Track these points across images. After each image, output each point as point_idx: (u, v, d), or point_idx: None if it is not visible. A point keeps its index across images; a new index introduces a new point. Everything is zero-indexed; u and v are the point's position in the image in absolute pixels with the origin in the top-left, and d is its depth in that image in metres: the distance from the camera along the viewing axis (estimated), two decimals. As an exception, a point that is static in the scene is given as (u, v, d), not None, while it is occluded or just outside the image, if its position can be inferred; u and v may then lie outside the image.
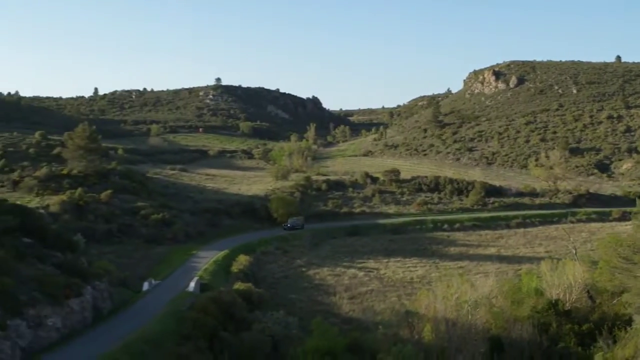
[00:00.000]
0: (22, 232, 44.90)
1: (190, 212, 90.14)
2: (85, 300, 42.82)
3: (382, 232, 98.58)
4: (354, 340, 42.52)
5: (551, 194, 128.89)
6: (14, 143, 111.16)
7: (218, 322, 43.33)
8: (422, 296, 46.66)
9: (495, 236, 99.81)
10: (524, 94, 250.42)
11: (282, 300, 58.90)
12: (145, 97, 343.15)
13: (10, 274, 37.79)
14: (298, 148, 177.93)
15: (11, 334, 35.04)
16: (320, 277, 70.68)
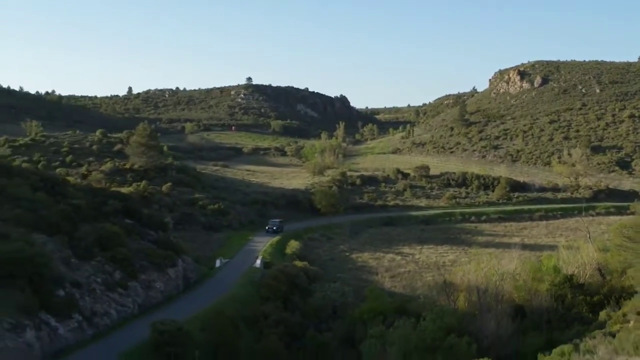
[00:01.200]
0: (124, 214, 54.39)
1: (241, 203, 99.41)
2: (178, 270, 52.17)
3: (415, 222, 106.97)
4: (400, 305, 51.41)
5: (572, 189, 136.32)
6: (78, 140, 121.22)
7: (287, 289, 52.46)
8: (458, 270, 55.49)
9: (520, 227, 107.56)
10: (548, 93, 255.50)
11: (332, 277, 67.67)
12: (178, 96, 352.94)
13: (125, 246, 47.11)
14: (329, 146, 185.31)
15: (131, 293, 44.45)
16: (363, 260, 79.53)
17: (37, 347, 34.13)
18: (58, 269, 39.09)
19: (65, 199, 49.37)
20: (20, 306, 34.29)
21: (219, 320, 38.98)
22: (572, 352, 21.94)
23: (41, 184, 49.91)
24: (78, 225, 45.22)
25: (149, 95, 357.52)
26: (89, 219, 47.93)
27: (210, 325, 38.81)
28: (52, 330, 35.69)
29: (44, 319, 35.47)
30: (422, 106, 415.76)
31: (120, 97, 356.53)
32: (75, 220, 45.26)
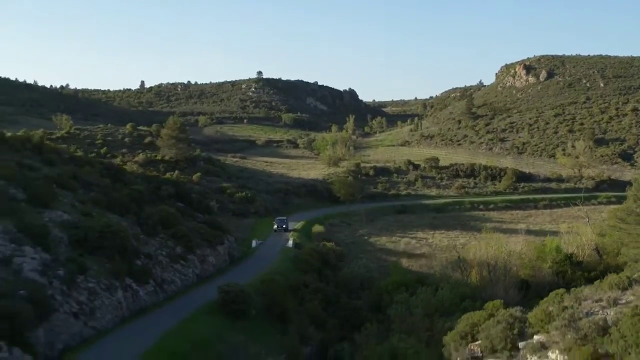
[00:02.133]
0: (176, 198, 61.70)
1: (265, 192, 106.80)
2: (225, 247, 59.52)
3: (426, 210, 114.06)
4: (420, 278, 58.63)
5: (576, 179, 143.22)
6: (110, 133, 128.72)
7: (320, 265, 59.77)
8: (470, 248, 62.73)
9: (525, 215, 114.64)
10: (553, 87, 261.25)
11: (355, 258, 74.87)
12: (190, 90, 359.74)
13: (182, 225, 54.43)
14: (341, 138, 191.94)
15: (190, 265, 51.79)
16: (381, 243, 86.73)
17: (124, 305, 41.47)
18: (132, 243, 46.35)
19: (126, 184, 56.61)
20: (110, 271, 41.57)
21: (271, 285, 46.31)
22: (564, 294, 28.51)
23: (105, 172, 57.15)
24: (143, 207, 52.49)
25: (161, 88, 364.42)
26: (149, 202, 55.21)
27: (264, 289, 46.13)
28: (134, 292, 43.00)
29: (128, 283, 42.75)
30: (429, 99, 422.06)
31: (133, 91, 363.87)
32: (140, 202, 52.53)
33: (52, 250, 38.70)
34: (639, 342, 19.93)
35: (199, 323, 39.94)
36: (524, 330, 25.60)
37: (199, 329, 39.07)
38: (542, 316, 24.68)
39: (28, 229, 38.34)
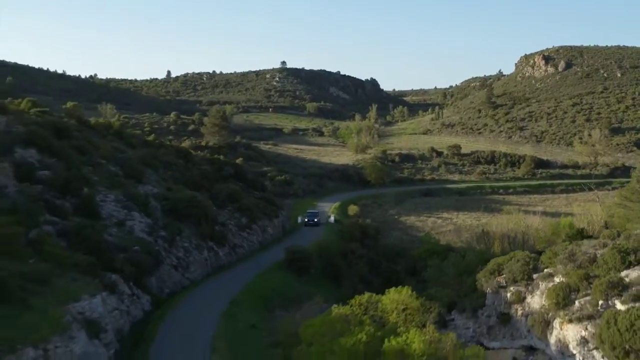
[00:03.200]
0: (235, 178, 70.77)
1: (302, 176, 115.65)
2: (279, 220, 68.71)
3: (450, 194, 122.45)
4: (448, 247, 67.36)
5: (591, 166, 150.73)
6: (156, 121, 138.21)
7: (361, 236, 68.67)
8: (492, 222, 71.37)
9: (542, 199, 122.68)
10: (571, 77, 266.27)
11: (388, 233, 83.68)
12: (216, 79, 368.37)
13: (245, 200, 63.50)
14: (365, 126, 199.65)
15: (254, 233, 60.88)
16: (410, 222, 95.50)
17: (209, 262, 50.67)
18: (212, 212, 55.51)
19: (195, 165, 65.75)
20: (197, 234, 50.70)
21: (326, 250, 55.38)
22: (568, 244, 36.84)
23: (177, 154, 66.31)
24: (212, 184, 61.59)
25: (187, 78, 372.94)
26: (214, 180, 64.30)
27: (321, 253, 55.21)
28: (216, 252, 52.19)
29: (210, 245, 51.92)
30: (448, 88, 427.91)
31: (160, 80, 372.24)
32: (209, 180, 61.64)
33: (152, 216, 47.86)
34: (617, 266, 28.59)
35: (272, 276, 49.11)
36: (537, 266, 34.35)
37: (273, 280, 48.21)
38: (550, 255, 33.38)
39: (133, 199, 47.45)
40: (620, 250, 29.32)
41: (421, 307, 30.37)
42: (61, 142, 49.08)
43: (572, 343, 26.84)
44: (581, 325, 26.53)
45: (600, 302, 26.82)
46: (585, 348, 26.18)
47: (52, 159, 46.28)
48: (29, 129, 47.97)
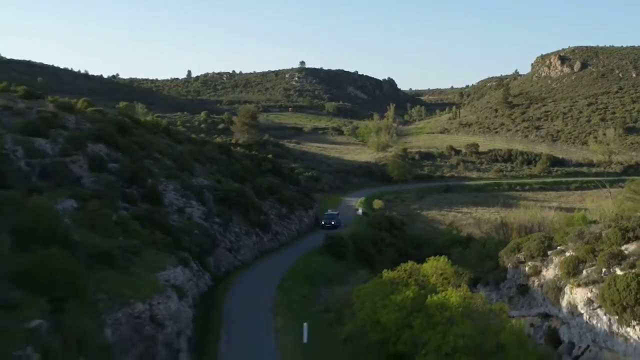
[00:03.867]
0: (273, 173, 76.61)
1: (328, 172, 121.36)
2: (314, 211, 74.47)
3: (469, 190, 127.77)
4: (469, 237, 72.87)
5: (605, 164, 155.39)
6: (187, 120, 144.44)
7: (389, 227, 74.32)
8: (510, 214, 76.83)
9: (557, 195, 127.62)
10: (587, 77, 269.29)
11: (412, 225, 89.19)
12: (236, 79, 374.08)
13: (284, 192, 69.31)
14: (383, 126, 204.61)
15: (292, 222, 66.70)
16: (432, 216, 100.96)
17: (256, 247, 56.53)
18: (257, 202, 61.36)
19: (236, 160, 71.65)
20: (246, 221, 56.55)
21: (359, 237, 61.12)
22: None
23: (219, 150, 72.22)
24: (254, 177, 67.46)
25: (207, 78, 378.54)
26: (254, 174, 70.16)
27: (354, 240, 61.00)
28: (261, 238, 58.07)
29: (256, 231, 57.74)
30: (465, 88, 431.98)
31: (180, 80, 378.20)
32: (251, 173, 67.52)
33: (207, 205, 53.70)
34: (618, 241, 34.10)
35: (313, 259, 55.02)
36: (551, 245, 39.87)
37: (314, 262, 54.08)
38: (562, 235, 38.92)
39: (189, 189, 53.33)
40: (621, 228, 34.85)
41: (454, 273, 36.07)
42: (124, 138, 55.01)
43: (580, 304, 32.41)
44: (587, 289, 32.10)
45: (603, 270, 32.38)
46: (591, 307, 31.74)
47: (118, 153, 52.22)
48: (97, 126, 53.98)
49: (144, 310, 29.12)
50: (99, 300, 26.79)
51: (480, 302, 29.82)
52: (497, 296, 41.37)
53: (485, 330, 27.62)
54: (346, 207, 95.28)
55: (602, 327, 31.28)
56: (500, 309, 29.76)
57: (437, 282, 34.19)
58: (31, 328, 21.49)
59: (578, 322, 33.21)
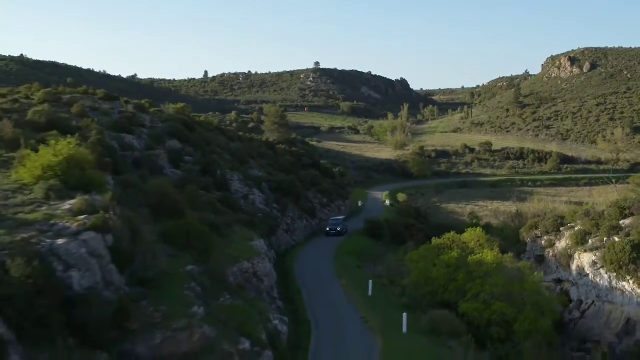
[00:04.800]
0: (312, 167, 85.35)
1: (352, 169, 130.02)
2: (349, 202, 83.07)
3: (484, 186, 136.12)
4: (487, 225, 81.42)
5: (613, 162, 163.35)
6: (220, 120, 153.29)
7: (416, 215, 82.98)
8: (525, 206, 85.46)
9: (567, 191, 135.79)
10: (596, 78, 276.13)
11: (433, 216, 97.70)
12: (252, 80, 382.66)
13: (324, 184, 78.02)
14: (399, 125, 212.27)
15: (333, 210, 75.30)
16: (451, 209, 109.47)
17: (306, 230, 65.33)
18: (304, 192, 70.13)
19: (280, 155, 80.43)
20: (298, 208, 65.30)
21: (394, 222, 69.84)
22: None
23: (266, 146, 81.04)
24: (298, 170, 76.24)
25: (224, 78, 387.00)
26: (297, 168, 78.95)
27: (390, 224, 69.77)
28: (310, 222, 66.88)
29: (305, 216, 66.53)
30: (476, 88, 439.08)
31: (198, 80, 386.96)
32: (295, 167, 76.30)
33: (265, 193, 62.38)
34: (617, 217, 42.72)
35: (357, 240, 63.89)
36: (563, 222, 48.55)
37: (358, 242, 62.91)
38: (572, 214, 47.57)
39: (250, 179, 62.09)
40: (620, 207, 43.51)
41: (488, 240, 44.82)
42: (192, 134, 63.86)
43: (587, 266, 41.09)
44: (592, 254, 40.75)
45: (605, 239, 41.03)
46: (595, 268, 40.40)
47: (190, 147, 61.03)
48: (168, 125, 62.86)
49: (249, 267, 37.87)
50: (219, 257, 35.61)
51: (509, 261, 38.58)
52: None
53: (513, 282, 36.34)
54: (373, 199, 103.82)
55: (604, 284, 39.94)
56: (524, 267, 38.54)
57: (474, 247, 42.94)
58: (188, 271, 30.41)
59: (585, 282, 41.88)
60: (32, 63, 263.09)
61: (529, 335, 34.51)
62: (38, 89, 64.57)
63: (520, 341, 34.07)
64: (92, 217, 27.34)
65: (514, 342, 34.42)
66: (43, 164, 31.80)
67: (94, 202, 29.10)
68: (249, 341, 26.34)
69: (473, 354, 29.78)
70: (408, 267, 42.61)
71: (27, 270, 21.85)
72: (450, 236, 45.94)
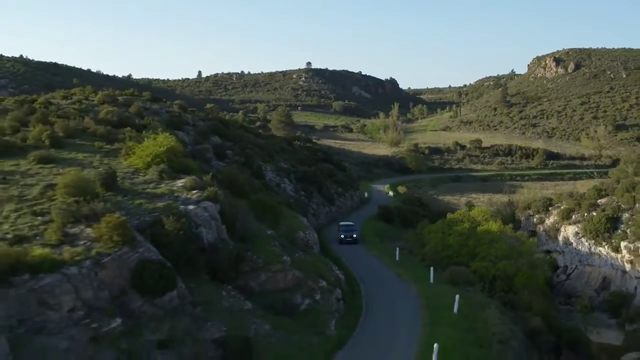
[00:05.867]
0: (326, 161, 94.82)
1: (354, 164, 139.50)
2: (358, 193, 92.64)
3: (475, 180, 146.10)
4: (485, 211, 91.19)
5: (596, 158, 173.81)
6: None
7: (418, 203, 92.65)
8: (515, 195, 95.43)
9: (553, 184, 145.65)
10: (580, 78, 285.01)
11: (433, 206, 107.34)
12: (245, 79, 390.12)
13: (338, 176, 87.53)
14: (392, 123, 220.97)
15: (347, 198, 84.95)
16: (447, 200, 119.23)
17: (328, 215, 74.83)
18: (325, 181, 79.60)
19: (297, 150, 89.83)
20: (320, 195, 74.77)
21: (402, 208, 79.51)
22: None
23: (285, 142, 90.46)
24: (314, 163, 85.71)
25: (217, 78, 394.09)
26: (314, 161, 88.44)
27: (399, 210, 79.44)
28: (330, 208, 76.39)
29: (326, 203, 76.04)
30: (463, 87, 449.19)
31: (192, 80, 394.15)
32: (313, 160, 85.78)
33: (292, 182, 71.77)
34: (595, 197, 52.56)
35: (372, 223, 73.57)
36: (551, 203, 58.37)
37: (374, 225, 72.56)
38: (559, 196, 57.39)
39: (280, 170, 71.37)
40: (597, 189, 53.37)
41: (492, 216, 54.58)
42: (229, 131, 73.21)
43: (571, 236, 50.98)
44: (575, 226, 50.64)
45: (585, 214, 50.87)
46: (577, 237, 50.31)
47: (229, 142, 70.35)
48: (208, 123, 72.17)
49: (303, 237, 47.31)
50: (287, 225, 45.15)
51: (509, 231, 48.35)
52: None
53: (513, 246, 46.07)
54: (376, 191, 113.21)
55: (584, 250, 49.80)
56: (521, 235, 48.33)
57: (481, 220, 52.66)
58: (269, 234, 39.89)
59: (569, 250, 51.74)
60: (35, 64, 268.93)
61: (526, 287, 44.09)
62: (92, 91, 73.58)
63: (519, 291, 43.67)
64: (204, 191, 36.76)
65: (514, 292, 43.96)
66: (152, 152, 41.05)
67: (198, 181, 38.48)
68: (325, 281, 35.96)
69: (484, 295, 39.54)
70: (427, 237, 52.45)
71: (177, 225, 31.38)
72: (461, 212, 55.72)
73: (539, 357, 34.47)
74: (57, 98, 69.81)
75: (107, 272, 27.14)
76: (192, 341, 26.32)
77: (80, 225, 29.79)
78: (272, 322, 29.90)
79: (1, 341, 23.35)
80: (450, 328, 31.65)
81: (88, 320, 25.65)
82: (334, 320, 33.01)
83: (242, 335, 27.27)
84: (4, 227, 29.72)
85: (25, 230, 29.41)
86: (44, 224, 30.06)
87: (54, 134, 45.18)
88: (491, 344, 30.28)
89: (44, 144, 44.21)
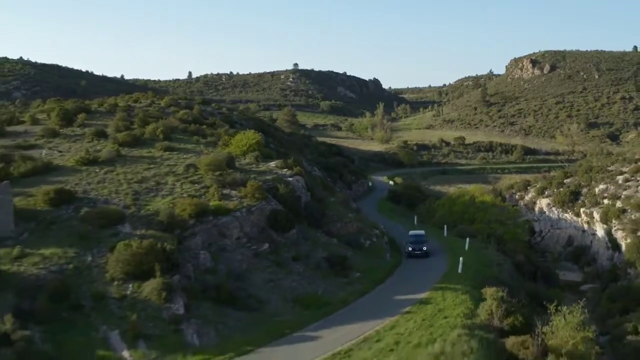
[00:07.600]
0: (338, 155, 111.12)
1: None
2: (364, 182, 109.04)
3: (460, 173, 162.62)
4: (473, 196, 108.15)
5: (569, 153, 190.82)
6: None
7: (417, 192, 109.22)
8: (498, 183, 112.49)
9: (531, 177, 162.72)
10: (555, 79, 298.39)
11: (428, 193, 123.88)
12: (234, 80, 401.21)
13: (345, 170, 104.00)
14: (379, 122, 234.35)
15: (359, 186, 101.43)
16: (438, 189, 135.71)
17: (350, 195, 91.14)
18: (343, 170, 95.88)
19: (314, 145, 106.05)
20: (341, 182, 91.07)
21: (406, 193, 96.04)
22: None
23: (303, 138, 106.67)
24: (331, 156, 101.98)
25: (207, 79, 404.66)
26: (330, 154, 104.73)
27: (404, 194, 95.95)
28: (349, 192, 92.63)
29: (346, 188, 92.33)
30: (443, 87, 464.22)
31: (182, 81, 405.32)
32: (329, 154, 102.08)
33: (321, 170, 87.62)
34: (562, 177, 69.35)
35: (385, 203, 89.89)
36: (529, 184, 75.23)
37: (386, 205, 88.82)
38: (535, 179, 74.17)
39: (310, 160, 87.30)
40: (564, 172, 70.29)
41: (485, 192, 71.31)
42: (268, 129, 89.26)
43: (544, 206, 67.89)
44: (548, 199, 67.56)
45: (555, 190, 67.70)
46: (549, 207, 67.15)
47: (269, 137, 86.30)
48: (255, 121, 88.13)
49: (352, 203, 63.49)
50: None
51: (499, 202, 65.14)
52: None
53: (502, 213, 62.88)
54: (377, 182, 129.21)
55: (554, 217, 66.67)
56: (508, 205, 65.10)
57: (478, 195, 69.45)
58: (333, 200, 56.08)
59: (543, 217, 68.63)
60: (39, 66, 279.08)
61: (512, 240, 60.89)
62: (153, 95, 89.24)
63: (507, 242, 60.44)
64: (292, 169, 52.87)
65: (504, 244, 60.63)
66: (246, 143, 57.09)
67: (285, 162, 54.64)
68: (377, 230, 52.43)
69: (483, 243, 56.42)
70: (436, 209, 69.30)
71: (287, 190, 47.47)
72: (463, 189, 72.40)
73: (522, 280, 51.04)
74: (122, 102, 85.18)
75: (255, 216, 43.40)
76: (312, 258, 42.67)
77: (227, 189, 45.86)
78: (352, 251, 46.32)
79: (207, 255, 39.38)
80: (464, 256, 48.13)
81: (249, 245, 41.79)
82: (388, 253, 49.59)
83: (340, 254, 43.67)
84: (178, 190, 45.69)
85: (193, 192, 45.37)
86: (203, 189, 46.00)
87: (165, 130, 60.96)
88: (492, 265, 47.07)
89: (158, 138, 59.85)
